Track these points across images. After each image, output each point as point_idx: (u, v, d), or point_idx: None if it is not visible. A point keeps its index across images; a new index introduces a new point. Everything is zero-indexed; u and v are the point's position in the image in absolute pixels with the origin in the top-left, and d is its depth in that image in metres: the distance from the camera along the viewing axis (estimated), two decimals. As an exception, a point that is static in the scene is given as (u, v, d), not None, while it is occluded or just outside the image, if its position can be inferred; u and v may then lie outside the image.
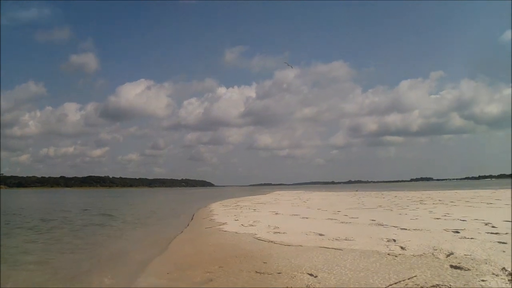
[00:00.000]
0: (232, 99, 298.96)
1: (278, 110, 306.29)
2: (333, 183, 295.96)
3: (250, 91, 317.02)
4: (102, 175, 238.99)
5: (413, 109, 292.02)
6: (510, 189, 22.58)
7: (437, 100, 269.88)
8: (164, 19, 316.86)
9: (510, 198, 14.23)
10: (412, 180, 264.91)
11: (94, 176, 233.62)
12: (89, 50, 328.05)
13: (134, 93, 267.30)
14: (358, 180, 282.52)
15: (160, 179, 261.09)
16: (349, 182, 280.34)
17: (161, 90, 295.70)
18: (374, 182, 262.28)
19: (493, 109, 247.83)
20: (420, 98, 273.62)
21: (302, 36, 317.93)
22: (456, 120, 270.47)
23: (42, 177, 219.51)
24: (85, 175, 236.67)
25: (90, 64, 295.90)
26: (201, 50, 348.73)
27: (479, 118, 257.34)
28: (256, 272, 5.14)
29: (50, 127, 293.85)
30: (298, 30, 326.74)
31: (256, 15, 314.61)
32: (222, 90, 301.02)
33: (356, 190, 49.30)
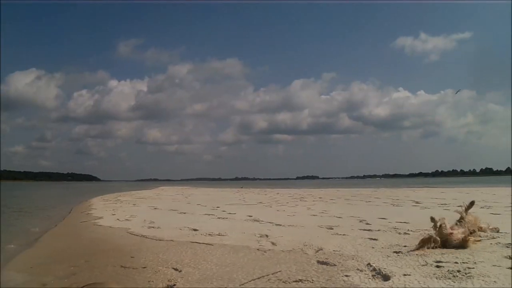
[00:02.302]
0: (124, 93, 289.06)
1: (169, 105, 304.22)
2: (220, 179, 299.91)
3: (142, 85, 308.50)
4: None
5: (303, 108, 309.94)
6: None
7: (328, 101, 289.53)
8: (59, 6, 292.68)
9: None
10: (298, 178, 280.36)
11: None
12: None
13: (24, 83, 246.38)
14: (245, 177, 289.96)
15: (45, 172, 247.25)
16: (236, 179, 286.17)
17: (52, 80, 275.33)
18: (260, 179, 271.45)
19: (380, 111, 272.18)
20: (311, 97, 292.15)
21: (198, 31, 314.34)
22: (345, 121, 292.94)
23: None
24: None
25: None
26: (94, 41, 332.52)
27: (367, 119, 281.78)
28: (121, 266, 5.35)
29: None
30: (194, 25, 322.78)
31: (152, 7, 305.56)
32: (113, 83, 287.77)
33: (241, 187, 50.48)
